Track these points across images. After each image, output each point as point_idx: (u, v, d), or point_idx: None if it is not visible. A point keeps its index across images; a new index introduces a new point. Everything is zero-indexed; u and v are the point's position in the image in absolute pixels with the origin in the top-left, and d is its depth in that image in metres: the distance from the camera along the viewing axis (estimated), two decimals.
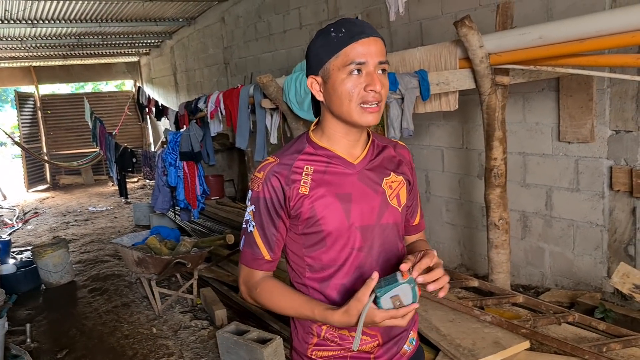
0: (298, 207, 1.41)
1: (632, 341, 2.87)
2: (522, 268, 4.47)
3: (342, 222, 1.41)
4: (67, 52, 12.49)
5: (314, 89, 1.43)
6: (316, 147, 1.46)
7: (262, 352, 3.29)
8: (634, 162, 3.57)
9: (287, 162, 1.44)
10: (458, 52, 3.54)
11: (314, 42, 1.41)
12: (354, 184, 1.44)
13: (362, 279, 1.42)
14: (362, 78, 1.34)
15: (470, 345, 2.93)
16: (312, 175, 1.42)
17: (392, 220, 1.49)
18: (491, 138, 3.58)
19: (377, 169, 1.49)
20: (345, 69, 1.34)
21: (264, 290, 1.46)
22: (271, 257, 1.47)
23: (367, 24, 1.39)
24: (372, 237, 1.45)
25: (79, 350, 4.18)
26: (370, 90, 1.33)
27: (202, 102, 6.34)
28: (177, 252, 4.75)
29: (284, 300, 1.43)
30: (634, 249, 3.67)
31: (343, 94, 1.35)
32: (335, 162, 1.44)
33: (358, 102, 1.35)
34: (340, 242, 1.43)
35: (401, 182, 1.52)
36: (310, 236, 1.44)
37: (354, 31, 1.34)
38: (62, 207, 10.75)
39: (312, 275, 1.47)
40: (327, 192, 1.41)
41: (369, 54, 1.33)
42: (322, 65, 1.38)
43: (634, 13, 2.70)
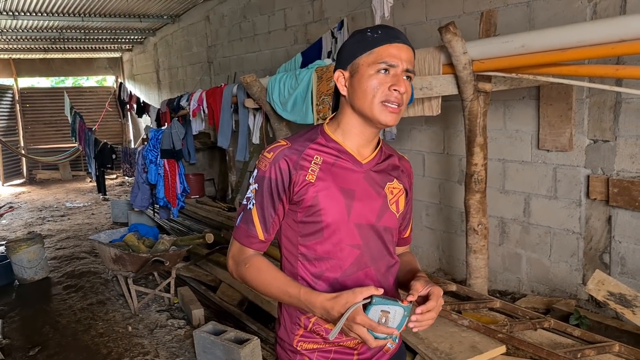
0: (302, 193, 1.43)
1: (605, 347, 2.91)
2: (499, 274, 4.51)
3: (342, 216, 1.43)
4: (48, 45, 12.32)
5: (339, 82, 1.47)
6: (328, 140, 1.49)
7: (239, 352, 3.27)
8: (611, 172, 3.63)
9: (299, 147, 1.46)
10: (442, 57, 3.57)
11: (349, 39, 1.47)
12: (359, 182, 1.47)
13: (355, 276, 1.45)
14: (389, 78, 1.39)
15: (448, 349, 2.95)
16: (321, 165, 1.45)
17: (390, 224, 1.52)
18: (472, 144, 3.61)
19: (382, 172, 1.52)
20: (375, 66, 1.39)
21: (252, 267, 1.46)
22: (265, 237, 1.48)
23: (403, 34, 1.45)
24: (369, 236, 1.48)
25: (52, 347, 4.12)
26: (395, 89, 1.38)
27: (185, 100, 6.30)
28: (156, 250, 4.70)
29: (271, 278, 1.43)
30: (609, 257, 3.73)
31: (368, 88, 1.39)
32: (344, 157, 1.47)
33: (381, 100, 1.39)
34: (337, 236, 1.44)
35: (401, 190, 1.56)
36: (308, 225, 1.45)
37: (390, 34, 1.41)
38: (38, 202, 10.59)
39: (305, 265, 1.48)
40: (332, 184, 1.44)
41: (400, 58, 1.39)
42: (353, 60, 1.43)
43: (614, 25, 2.75)
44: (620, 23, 2.75)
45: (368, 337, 1.26)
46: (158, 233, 5.25)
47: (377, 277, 1.49)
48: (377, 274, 1.49)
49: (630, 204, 3.50)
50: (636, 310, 3.02)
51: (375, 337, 1.26)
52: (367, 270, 1.47)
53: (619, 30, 2.70)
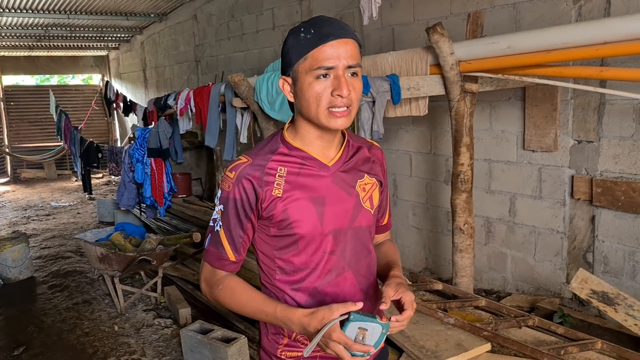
0: (271, 209, 1.38)
1: (588, 345, 2.95)
2: (485, 273, 4.55)
3: (315, 226, 1.39)
4: (33, 43, 12.20)
5: (285, 90, 1.40)
6: (290, 148, 1.43)
7: (227, 351, 3.27)
8: (594, 172, 3.68)
9: (260, 162, 1.40)
10: (429, 58, 3.60)
11: (286, 41, 1.38)
12: (328, 187, 1.42)
13: (334, 282, 1.43)
14: (330, 82, 1.31)
15: (434, 347, 2.97)
16: (286, 177, 1.39)
17: (365, 223, 1.48)
18: (459, 144, 3.64)
19: (352, 170, 1.47)
20: (313, 73, 1.31)
21: (225, 288, 1.43)
22: (236, 258, 1.45)
23: (340, 24, 1.35)
24: (345, 240, 1.44)
25: (36, 347, 4.09)
26: (337, 94, 1.30)
27: (172, 99, 6.28)
28: (142, 249, 4.68)
29: (246, 298, 1.40)
30: (592, 256, 3.78)
31: (310, 98, 1.32)
32: (309, 163, 1.42)
33: (326, 107, 1.32)
34: (313, 246, 1.41)
35: (374, 184, 1.51)
36: (282, 238, 1.42)
37: (322, 32, 1.30)
38: (22, 201, 10.49)
39: (283, 278, 1.45)
40: (300, 195, 1.39)
41: (337, 57, 1.30)
42: (292, 67, 1.35)
43: (598, 27, 2.79)
44: (604, 25, 2.80)
45: (344, 354, 1.23)
46: (145, 232, 5.23)
47: (356, 279, 1.47)
48: (357, 276, 1.47)
49: (613, 204, 3.55)
50: (618, 308, 3.07)
51: (352, 354, 1.23)
52: (345, 275, 1.45)
53: (603, 32, 2.74)
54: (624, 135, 3.51)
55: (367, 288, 1.50)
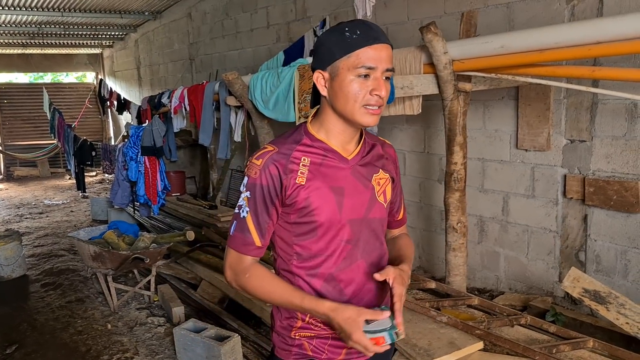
0: (294, 196, 1.45)
1: (580, 343, 2.96)
2: (478, 271, 4.57)
3: (335, 214, 1.47)
4: (26, 40, 12.14)
5: (319, 83, 1.47)
6: (313, 140, 1.50)
7: (220, 349, 3.27)
8: (587, 171, 3.70)
9: (286, 151, 1.48)
10: (423, 57, 3.60)
11: (327, 37, 1.45)
12: (347, 178, 1.50)
13: (348, 270, 1.51)
14: (369, 82, 1.40)
15: (426, 345, 2.98)
16: (309, 166, 1.47)
17: (379, 215, 1.57)
18: (452, 143, 3.65)
19: (368, 165, 1.55)
20: (355, 71, 1.39)
21: (254, 276, 1.49)
22: (261, 243, 1.50)
23: (381, 30, 1.44)
24: (360, 230, 1.52)
25: (29, 345, 4.08)
26: (376, 94, 1.40)
27: (166, 97, 6.27)
28: (136, 247, 4.68)
29: (274, 287, 1.47)
30: (584, 255, 3.80)
31: (350, 94, 1.41)
32: (330, 155, 1.49)
33: (362, 104, 1.41)
34: (331, 233, 1.48)
35: (387, 179, 1.59)
36: (302, 225, 1.48)
37: (369, 35, 1.39)
38: (15, 199, 10.44)
39: (299, 264, 1.51)
40: (322, 184, 1.47)
41: (379, 59, 1.39)
42: (332, 62, 1.42)
43: (591, 27, 2.80)
44: (597, 25, 2.81)
45: (364, 350, 1.36)
46: (138, 230, 5.22)
47: (368, 269, 1.53)
48: (369, 266, 1.54)
49: (605, 203, 3.57)
50: (610, 307, 3.08)
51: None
52: (358, 263, 1.52)
53: (596, 32, 2.75)
54: (616, 134, 3.52)
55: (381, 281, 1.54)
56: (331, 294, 1.50)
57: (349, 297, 1.51)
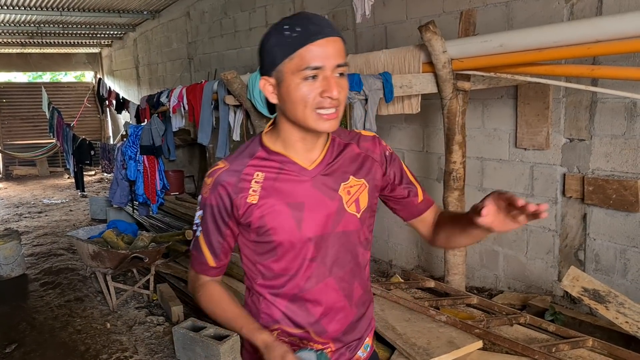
0: (247, 216, 1.35)
1: (579, 342, 2.96)
2: (476, 270, 4.57)
3: (293, 233, 1.35)
4: (25, 40, 12.13)
5: (266, 91, 1.33)
6: (269, 152, 1.38)
7: (219, 348, 3.27)
8: (586, 170, 3.70)
9: (237, 168, 1.37)
10: (422, 56, 3.60)
11: (267, 39, 1.30)
12: (307, 192, 1.36)
13: (315, 289, 1.40)
14: (318, 83, 1.25)
15: (425, 344, 2.98)
16: (263, 182, 1.35)
17: (350, 227, 1.41)
18: (451, 142, 3.65)
19: (335, 173, 1.40)
20: (300, 74, 1.24)
21: (205, 295, 1.44)
22: (216, 264, 1.44)
23: (326, 21, 1.29)
24: (326, 246, 1.39)
25: (28, 344, 4.08)
26: (327, 96, 1.25)
27: (165, 96, 6.26)
28: (135, 246, 4.67)
29: (219, 309, 1.41)
30: (583, 254, 3.80)
31: (298, 99, 1.26)
32: (287, 168, 1.36)
33: (314, 108, 1.26)
34: (292, 253, 1.37)
35: (362, 186, 1.42)
36: (261, 245, 1.39)
37: (310, 30, 1.24)
38: (14, 198, 10.44)
39: (263, 282, 1.43)
40: (277, 201, 1.34)
41: (326, 57, 1.24)
42: (275, 67, 1.28)
43: (590, 26, 2.81)
44: (596, 24, 2.81)
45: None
46: (137, 230, 5.22)
47: (338, 285, 1.42)
48: (339, 283, 1.42)
49: (604, 202, 3.57)
50: (609, 306, 3.08)
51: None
52: (327, 281, 1.40)
53: (595, 31, 2.75)
54: (615, 133, 3.52)
55: (351, 294, 1.45)
56: (298, 315, 1.41)
57: (317, 317, 1.41)
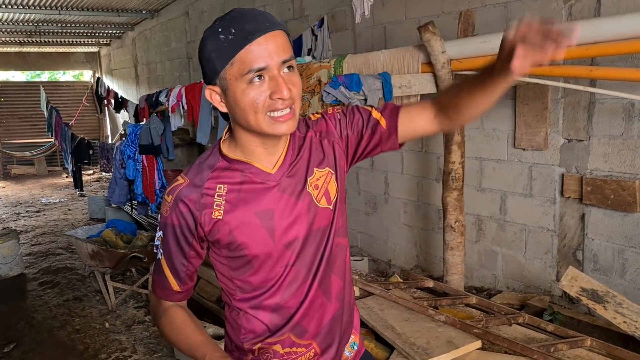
0: (214, 233, 1.27)
1: (578, 342, 2.97)
2: (475, 270, 4.58)
3: (267, 244, 1.27)
4: (23, 39, 12.11)
5: (214, 100, 1.25)
6: (229, 160, 1.29)
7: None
8: (584, 170, 3.71)
9: (198, 182, 1.27)
10: (421, 56, 3.61)
11: (204, 46, 1.20)
12: (275, 197, 1.28)
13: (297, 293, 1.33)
14: (266, 85, 1.17)
15: (424, 344, 2.99)
16: (226, 195, 1.26)
17: (325, 222, 1.34)
18: (450, 142, 3.66)
19: (300, 170, 1.32)
20: (244, 78, 1.16)
21: (165, 322, 1.36)
22: (180, 288, 1.35)
23: (262, 15, 1.19)
24: (304, 247, 1.32)
25: (27, 344, 4.08)
26: (278, 98, 1.17)
27: (164, 95, 6.26)
28: (134, 246, 4.68)
29: (181, 336, 1.32)
30: (582, 254, 3.81)
31: (247, 106, 1.18)
32: (250, 176, 1.28)
33: (265, 112, 1.18)
34: (269, 263, 1.29)
35: (327, 175, 1.35)
36: (235, 259, 1.31)
37: (246, 30, 1.14)
38: (12, 197, 10.43)
39: (243, 297, 1.35)
40: (244, 213, 1.26)
41: (268, 55, 1.15)
42: (218, 75, 1.19)
43: (588, 27, 2.81)
44: (594, 25, 2.82)
45: None
46: (136, 229, 5.22)
47: (317, 284, 1.35)
48: (318, 280, 1.35)
49: (602, 202, 3.58)
50: (607, 306, 3.09)
51: None
52: (305, 282, 1.34)
53: (593, 32, 2.76)
54: (613, 134, 3.53)
55: (329, 288, 1.38)
56: (279, 323, 1.34)
57: (297, 319, 1.34)
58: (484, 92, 1.23)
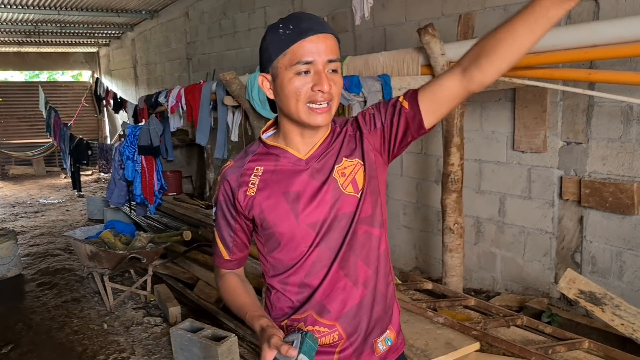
0: (248, 209, 1.42)
1: (576, 344, 2.98)
2: (474, 272, 4.58)
3: (291, 223, 1.39)
4: (22, 38, 12.11)
5: (264, 87, 1.40)
6: (268, 147, 1.45)
7: (217, 349, 3.28)
8: (583, 173, 3.72)
9: (240, 164, 1.45)
10: (420, 58, 3.62)
11: (264, 38, 1.37)
12: (303, 181, 1.39)
13: (320, 274, 1.40)
14: (310, 77, 1.30)
15: (423, 346, 2.99)
16: (261, 176, 1.41)
17: (350, 209, 1.40)
18: (449, 144, 3.67)
19: (330, 159, 1.42)
20: (293, 69, 1.30)
21: (222, 286, 1.53)
22: (230, 257, 1.51)
23: (318, 20, 1.34)
24: (328, 230, 1.39)
25: (25, 345, 4.07)
26: (318, 90, 1.29)
27: (163, 96, 6.26)
28: (132, 247, 4.67)
29: (231, 299, 1.49)
30: (580, 256, 3.82)
31: (290, 93, 1.32)
32: (284, 159, 1.42)
33: (305, 102, 1.31)
34: (294, 242, 1.40)
35: (356, 165, 1.42)
36: (267, 237, 1.45)
37: (302, 28, 1.30)
38: (10, 198, 10.41)
39: (274, 274, 1.46)
40: (273, 192, 1.39)
41: (317, 52, 1.29)
42: (271, 63, 1.35)
43: (587, 30, 2.83)
44: (593, 29, 2.83)
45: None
46: (135, 230, 5.21)
47: (339, 265, 1.41)
48: (340, 262, 1.40)
49: (601, 204, 3.59)
50: (605, 308, 3.10)
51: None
52: (328, 264, 1.40)
53: (592, 35, 2.77)
54: (612, 137, 3.54)
55: (355, 272, 1.43)
56: (302, 300, 1.43)
57: (318, 298, 1.41)
58: (533, 23, 1.16)
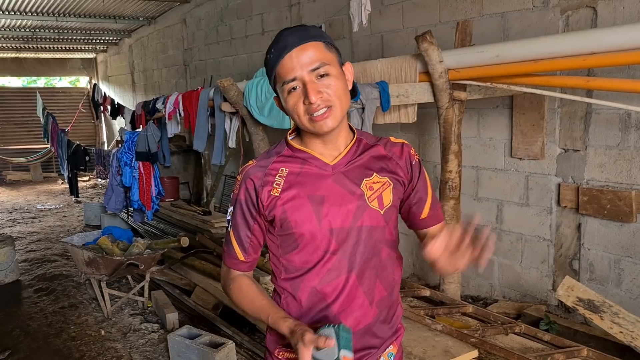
0: (271, 208, 1.42)
1: (574, 352, 2.98)
2: (472, 279, 4.58)
3: (313, 225, 1.40)
4: (20, 44, 12.12)
5: (280, 106, 1.46)
6: (294, 150, 1.47)
7: (214, 356, 3.27)
8: (581, 180, 3.72)
9: (264, 164, 1.46)
10: (418, 65, 3.62)
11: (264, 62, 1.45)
12: (329, 186, 1.42)
13: (334, 283, 1.42)
14: (299, 91, 1.35)
15: (421, 354, 2.98)
16: (286, 177, 1.43)
17: (372, 223, 1.43)
18: (447, 151, 3.67)
19: (358, 169, 1.45)
20: (284, 89, 1.36)
21: (235, 289, 1.50)
22: (245, 258, 1.50)
23: (298, 33, 1.36)
24: (347, 239, 1.42)
25: (22, 351, 4.05)
26: (308, 103, 1.34)
27: (161, 102, 6.26)
28: (130, 253, 4.66)
29: (247, 301, 1.46)
30: (578, 264, 3.82)
31: (291, 111, 1.38)
32: (310, 163, 1.44)
33: (304, 115, 1.36)
34: (313, 245, 1.41)
35: (385, 183, 1.45)
36: (284, 238, 1.45)
37: (279, 48, 1.35)
38: (8, 203, 10.38)
39: (286, 277, 1.47)
40: (298, 193, 1.41)
41: (298, 66, 1.33)
42: (274, 86, 1.42)
43: (585, 38, 2.83)
44: (591, 36, 2.84)
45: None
46: (132, 236, 5.20)
47: (359, 282, 1.43)
48: (360, 279, 1.43)
49: (599, 212, 3.59)
50: (604, 316, 3.10)
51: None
52: (347, 276, 1.42)
53: (590, 43, 2.78)
54: (609, 144, 3.55)
55: (372, 292, 1.46)
56: (314, 309, 1.44)
57: (335, 312, 1.42)
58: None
